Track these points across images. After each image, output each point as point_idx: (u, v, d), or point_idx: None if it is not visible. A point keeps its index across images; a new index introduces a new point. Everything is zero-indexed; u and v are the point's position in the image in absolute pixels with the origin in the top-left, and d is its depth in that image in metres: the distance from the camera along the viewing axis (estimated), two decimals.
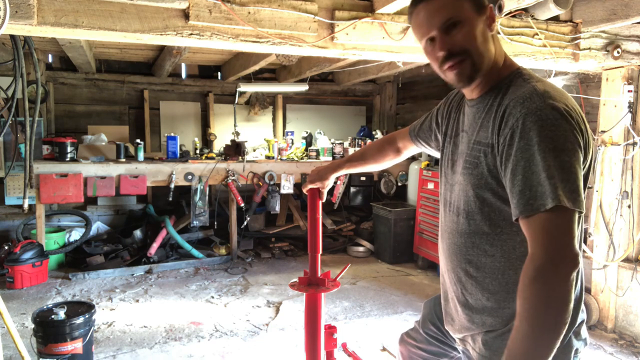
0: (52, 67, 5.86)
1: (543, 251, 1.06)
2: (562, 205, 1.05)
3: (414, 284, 4.87)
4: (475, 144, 1.30)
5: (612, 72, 3.61)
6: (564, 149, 1.08)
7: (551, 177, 1.07)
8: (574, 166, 1.08)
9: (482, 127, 1.28)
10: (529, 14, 3.16)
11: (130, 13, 2.47)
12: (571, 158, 1.08)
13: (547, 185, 1.07)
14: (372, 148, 1.92)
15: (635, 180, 3.60)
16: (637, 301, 3.57)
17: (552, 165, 1.07)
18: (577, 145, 1.10)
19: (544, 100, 1.13)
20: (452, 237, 1.39)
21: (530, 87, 1.19)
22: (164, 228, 5.32)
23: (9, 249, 4.75)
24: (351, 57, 3.21)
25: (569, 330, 1.25)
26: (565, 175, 1.07)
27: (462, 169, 1.34)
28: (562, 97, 1.16)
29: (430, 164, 5.40)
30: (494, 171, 1.23)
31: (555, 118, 1.10)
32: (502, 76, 1.29)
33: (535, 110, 1.12)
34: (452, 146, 1.43)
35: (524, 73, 1.27)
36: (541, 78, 1.26)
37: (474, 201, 1.29)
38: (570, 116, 1.12)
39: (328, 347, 1.92)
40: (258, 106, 6.54)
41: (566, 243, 1.06)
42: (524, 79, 1.24)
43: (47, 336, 2.76)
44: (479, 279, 1.32)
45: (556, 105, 1.12)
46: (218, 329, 3.74)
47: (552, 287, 1.04)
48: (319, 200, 1.89)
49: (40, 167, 4.60)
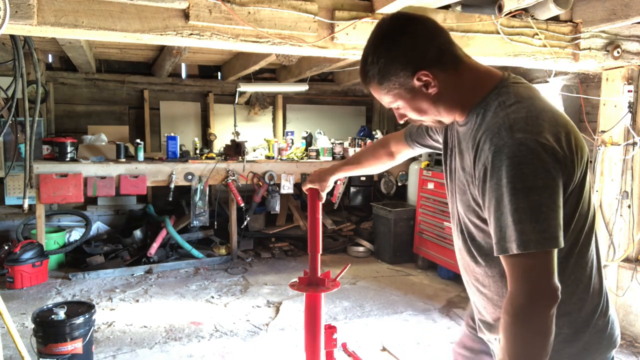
0: (52, 67, 5.86)
1: (520, 291, 1.08)
2: (526, 253, 1.06)
3: (414, 284, 4.87)
4: (461, 170, 1.30)
5: (612, 72, 3.61)
6: (534, 188, 1.05)
7: (518, 222, 1.06)
8: (547, 204, 1.06)
9: (466, 152, 1.26)
10: (529, 14, 3.16)
11: (130, 13, 2.47)
12: (542, 196, 1.05)
13: (513, 229, 1.06)
14: (367, 152, 1.90)
15: (635, 180, 3.60)
16: (637, 301, 3.57)
17: (519, 207, 1.05)
18: (549, 180, 1.06)
19: (512, 135, 1.09)
20: (460, 253, 1.40)
21: (500, 118, 1.14)
22: (164, 228, 5.32)
23: (9, 249, 4.76)
24: (351, 57, 3.21)
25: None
26: (536, 216, 1.05)
27: (457, 191, 1.35)
28: (535, 125, 1.10)
29: (430, 164, 5.40)
30: (477, 200, 1.22)
31: (523, 155, 1.06)
32: (478, 100, 1.22)
33: (503, 147, 1.08)
34: (451, 161, 1.40)
35: (502, 93, 1.19)
36: (521, 94, 1.18)
37: (468, 224, 1.30)
38: (542, 148, 1.07)
39: (328, 347, 1.92)
40: (258, 106, 6.54)
41: (542, 282, 1.07)
42: (500, 103, 1.18)
43: (47, 336, 2.76)
44: (488, 295, 1.33)
45: (524, 140, 1.07)
46: (218, 329, 3.74)
47: (531, 326, 1.08)
48: (319, 201, 1.89)
49: (40, 167, 4.60)
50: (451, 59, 1.21)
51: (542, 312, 1.07)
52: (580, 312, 1.23)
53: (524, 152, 1.07)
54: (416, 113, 1.27)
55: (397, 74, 1.19)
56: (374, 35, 1.23)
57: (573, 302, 1.22)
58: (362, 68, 1.26)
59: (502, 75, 1.26)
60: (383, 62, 1.19)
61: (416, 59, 1.18)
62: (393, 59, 1.18)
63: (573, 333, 1.22)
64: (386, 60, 1.19)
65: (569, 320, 1.22)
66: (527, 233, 1.05)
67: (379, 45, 1.21)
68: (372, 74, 1.22)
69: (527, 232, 1.05)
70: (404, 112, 1.29)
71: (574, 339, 1.22)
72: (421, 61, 1.18)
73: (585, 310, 1.23)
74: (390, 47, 1.19)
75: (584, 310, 1.23)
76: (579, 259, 1.22)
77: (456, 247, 1.43)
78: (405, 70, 1.18)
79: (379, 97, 1.28)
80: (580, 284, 1.23)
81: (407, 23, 1.21)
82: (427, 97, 1.22)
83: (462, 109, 1.25)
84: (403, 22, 1.22)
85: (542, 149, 1.07)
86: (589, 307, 1.24)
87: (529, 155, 1.06)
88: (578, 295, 1.23)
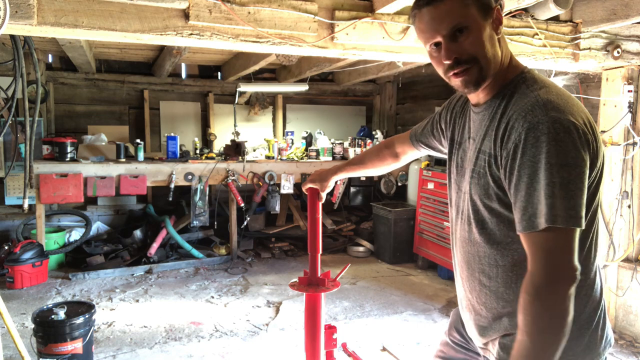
0: (52, 67, 5.86)
1: (541, 269, 1.09)
2: (557, 226, 1.07)
3: (414, 284, 4.87)
4: (480, 153, 1.29)
5: (612, 72, 3.61)
6: (566, 165, 1.07)
7: (550, 196, 1.07)
8: (575, 182, 1.07)
9: (487, 135, 1.26)
10: (529, 14, 3.16)
11: (130, 13, 2.47)
12: (571, 174, 1.07)
13: (545, 204, 1.08)
14: (371, 153, 1.90)
15: (635, 180, 3.60)
16: (637, 301, 3.57)
17: (552, 182, 1.07)
18: (579, 159, 1.08)
19: (547, 112, 1.11)
20: (465, 246, 1.38)
21: (533, 97, 1.16)
22: (164, 228, 5.32)
23: (9, 249, 4.76)
24: (351, 57, 3.21)
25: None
26: (564, 192, 1.07)
27: (469, 178, 1.34)
28: (566, 106, 1.13)
29: (430, 164, 5.40)
30: (499, 182, 1.22)
31: (557, 132, 1.08)
32: (507, 80, 1.26)
33: (537, 124, 1.10)
34: (462, 152, 1.41)
35: (527, 78, 1.24)
36: (545, 81, 1.23)
37: (483, 211, 1.29)
38: (574, 128, 1.09)
39: (328, 347, 1.92)
40: (258, 106, 6.55)
41: (564, 261, 1.08)
42: (528, 86, 1.21)
43: (47, 336, 2.76)
44: (493, 288, 1.32)
45: (559, 118, 1.10)
46: (218, 329, 3.74)
47: (551, 305, 1.09)
48: (319, 201, 1.89)
49: (40, 167, 4.60)
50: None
51: (562, 291, 1.08)
52: (585, 309, 1.23)
53: (559, 129, 1.09)
54: (479, 42, 1.19)
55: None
56: None
57: (580, 297, 1.22)
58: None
59: (523, 65, 1.31)
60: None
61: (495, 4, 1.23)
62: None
63: (578, 330, 1.22)
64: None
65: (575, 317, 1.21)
66: (557, 208, 1.06)
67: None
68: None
69: (557, 207, 1.06)
70: (462, 42, 1.19)
71: (579, 335, 1.22)
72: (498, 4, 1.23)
73: (589, 307, 1.24)
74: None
75: (588, 307, 1.24)
76: (587, 255, 1.23)
77: (459, 240, 1.41)
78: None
79: (446, 11, 1.18)
80: (588, 280, 1.24)
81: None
82: (492, 34, 1.23)
83: (496, 79, 1.26)
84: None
85: (575, 129, 1.09)
86: (592, 304, 1.24)
87: (562, 132, 1.08)
88: (585, 292, 1.23)
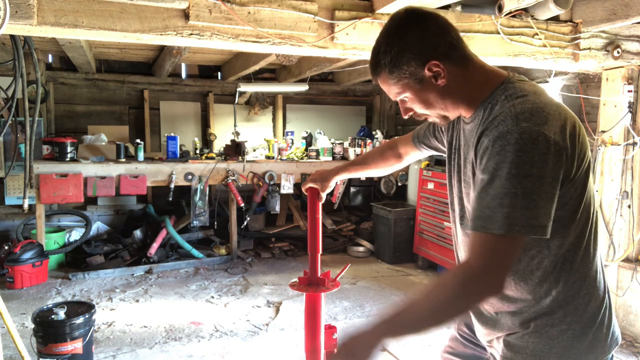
0: (52, 67, 5.86)
1: (475, 265, 1.12)
2: (506, 235, 1.08)
3: (414, 284, 4.87)
4: (467, 162, 1.31)
5: (612, 72, 3.61)
6: (529, 175, 1.08)
7: (508, 205, 1.08)
8: (537, 192, 1.08)
9: (472, 145, 1.28)
10: (529, 14, 3.16)
11: (130, 13, 2.47)
12: (534, 184, 1.08)
13: (500, 212, 1.09)
14: (374, 153, 1.92)
15: (635, 180, 3.60)
16: (637, 301, 3.57)
17: (511, 192, 1.08)
18: (545, 170, 1.09)
19: (517, 123, 1.11)
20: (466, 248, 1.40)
21: (507, 109, 1.16)
22: (164, 228, 5.32)
23: (9, 249, 4.75)
24: (351, 57, 3.21)
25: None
26: (525, 202, 1.08)
27: (462, 185, 1.36)
28: (540, 117, 1.12)
29: (430, 164, 5.40)
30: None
31: (525, 142, 1.09)
32: (486, 94, 1.26)
33: (505, 134, 1.11)
34: (457, 157, 1.42)
35: (508, 88, 1.23)
36: (526, 89, 1.21)
37: None
38: (544, 139, 1.09)
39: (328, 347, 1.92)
40: (258, 106, 6.54)
41: (497, 269, 1.10)
42: (507, 97, 1.21)
43: (47, 336, 2.76)
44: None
45: (528, 128, 1.10)
46: (218, 329, 3.74)
47: (461, 299, 1.13)
48: (319, 201, 1.89)
49: (40, 167, 4.60)
50: (460, 54, 1.25)
51: (477, 295, 1.13)
52: (587, 308, 1.24)
53: (526, 140, 1.09)
54: (423, 105, 1.29)
55: (409, 63, 1.22)
56: (387, 27, 1.27)
57: (582, 297, 1.23)
58: (374, 58, 1.28)
59: (507, 74, 1.29)
60: (396, 50, 1.22)
61: (428, 49, 1.21)
62: (405, 48, 1.22)
63: (581, 328, 1.23)
64: (399, 48, 1.22)
65: (577, 315, 1.23)
66: (514, 218, 1.07)
67: (392, 36, 1.24)
68: (383, 62, 1.25)
69: (514, 217, 1.07)
70: (411, 105, 1.31)
71: (582, 334, 1.23)
72: (433, 52, 1.21)
73: (592, 305, 1.24)
74: (403, 37, 1.23)
75: (591, 306, 1.24)
76: (586, 253, 1.24)
77: (460, 241, 1.42)
78: (417, 60, 1.21)
79: (387, 88, 1.30)
80: (588, 279, 1.24)
81: (420, 17, 1.25)
82: (436, 89, 1.24)
83: (468, 104, 1.27)
84: (416, 16, 1.25)
85: (544, 140, 1.10)
86: (596, 302, 1.25)
87: (529, 144, 1.09)
88: (586, 290, 1.24)
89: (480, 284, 1.11)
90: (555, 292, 1.22)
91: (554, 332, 1.23)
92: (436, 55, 1.21)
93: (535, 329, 1.25)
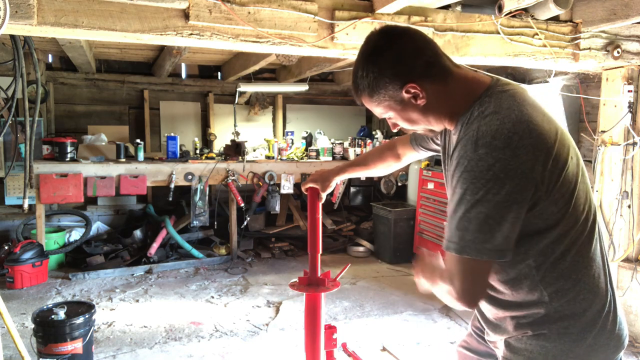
0: (52, 67, 5.86)
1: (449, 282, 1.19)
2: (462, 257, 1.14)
3: (414, 284, 4.85)
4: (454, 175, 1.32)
5: (612, 72, 3.61)
6: (482, 200, 1.10)
7: (462, 228, 1.13)
8: (493, 217, 1.10)
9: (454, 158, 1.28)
10: (529, 14, 3.16)
11: (130, 13, 2.47)
12: (490, 210, 1.10)
13: (456, 234, 1.14)
14: (373, 153, 1.94)
15: (635, 180, 3.60)
16: (637, 301, 3.57)
17: (466, 216, 1.12)
18: (501, 195, 1.09)
19: (475, 149, 1.12)
20: None
21: (472, 130, 1.16)
22: (164, 228, 5.32)
23: (9, 249, 4.75)
24: (351, 57, 3.21)
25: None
26: (479, 227, 1.11)
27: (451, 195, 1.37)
28: (500, 141, 1.11)
29: (430, 164, 5.40)
30: None
31: (480, 170, 1.11)
32: (465, 108, 1.24)
33: (464, 159, 1.14)
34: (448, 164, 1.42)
35: (483, 103, 1.20)
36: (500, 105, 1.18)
37: None
38: (501, 165, 1.09)
39: (328, 347, 1.92)
40: (258, 106, 6.54)
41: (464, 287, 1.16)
42: (479, 114, 1.19)
43: (47, 336, 2.76)
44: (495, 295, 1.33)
45: (483, 156, 1.11)
46: (218, 329, 3.74)
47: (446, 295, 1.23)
48: (319, 201, 1.89)
49: (40, 167, 4.60)
50: (439, 70, 1.24)
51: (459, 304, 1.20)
52: (586, 312, 1.23)
53: (482, 167, 1.11)
54: (407, 123, 1.32)
55: (386, 87, 1.23)
56: (362, 50, 1.27)
57: (578, 302, 1.23)
58: (354, 81, 1.30)
59: (489, 82, 1.26)
60: (372, 76, 1.23)
61: (404, 72, 1.21)
62: (381, 73, 1.22)
63: (579, 332, 1.23)
64: (375, 74, 1.23)
65: (575, 319, 1.23)
66: (467, 240, 1.13)
67: (367, 61, 1.25)
68: (362, 87, 1.27)
69: (467, 239, 1.13)
70: (396, 122, 1.35)
71: (581, 338, 1.23)
72: (409, 74, 1.21)
73: (592, 310, 1.24)
74: (378, 61, 1.23)
75: (591, 310, 1.24)
76: (578, 258, 1.23)
77: None
78: (394, 84, 1.22)
79: (371, 108, 1.33)
80: (584, 284, 1.23)
81: (395, 38, 1.24)
82: (417, 108, 1.26)
83: (450, 118, 1.28)
84: (391, 37, 1.24)
85: (501, 166, 1.10)
86: (596, 306, 1.24)
87: (484, 170, 1.10)
88: (583, 295, 1.23)
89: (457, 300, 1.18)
90: (548, 298, 1.22)
91: (552, 336, 1.24)
92: (413, 77, 1.21)
93: (534, 332, 1.26)
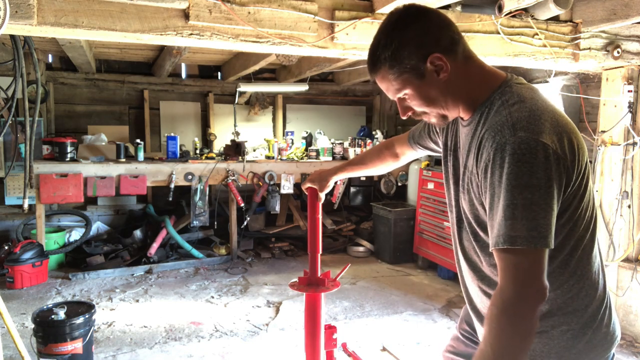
0: (52, 67, 5.86)
1: (510, 285, 1.09)
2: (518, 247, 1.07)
3: (414, 284, 4.87)
4: (466, 169, 1.30)
5: (612, 72, 3.61)
6: (529, 186, 1.07)
7: (509, 217, 1.07)
8: (539, 203, 1.07)
9: (470, 151, 1.27)
10: (529, 14, 3.16)
11: (130, 13, 2.47)
12: (534, 195, 1.06)
13: (504, 225, 1.08)
14: (371, 153, 1.92)
15: (635, 180, 3.60)
16: (637, 301, 3.57)
17: (512, 203, 1.07)
18: (544, 180, 1.07)
19: (514, 132, 1.10)
20: (464, 251, 1.39)
21: (504, 116, 1.15)
22: (164, 228, 5.32)
23: (9, 249, 4.75)
24: (351, 57, 3.21)
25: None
26: (525, 213, 1.06)
27: (460, 191, 1.35)
28: (537, 124, 1.11)
29: (430, 164, 5.40)
30: (479, 198, 1.24)
31: (523, 153, 1.08)
32: (483, 98, 1.23)
33: (504, 145, 1.10)
34: (454, 160, 1.41)
35: (505, 92, 1.21)
36: (523, 94, 1.19)
37: (473, 223, 1.30)
38: (542, 148, 1.08)
39: (328, 347, 1.92)
40: (258, 106, 6.54)
41: (531, 279, 1.08)
42: (503, 102, 1.19)
43: (47, 336, 2.76)
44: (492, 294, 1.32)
45: (525, 138, 1.09)
46: (218, 329, 3.74)
47: (517, 322, 1.08)
48: (318, 201, 1.89)
49: (40, 167, 4.60)
50: (462, 50, 1.22)
51: (528, 309, 1.08)
52: (587, 308, 1.24)
53: (524, 150, 1.08)
54: (423, 102, 1.25)
55: (410, 56, 1.18)
56: (386, 22, 1.23)
57: (581, 298, 1.24)
58: (372, 53, 1.24)
59: (505, 75, 1.27)
60: (396, 43, 1.19)
61: (430, 42, 1.19)
62: (407, 41, 1.18)
63: (581, 328, 1.24)
64: (399, 42, 1.19)
65: (577, 316, 1.24)
66: (517, 229, 1.07)
67: (392, 30, 1.21)
68: (383, 57, 1.20)
69: (516, 228, 1.07)
70: (410, 104, 1.27)
71: (581, 334, 1.24)
72: (435, 45, 1.18)
73: (593, 306, 1.25)
74: (404, 30, 1.19)
75: (592, 306, 1.25)
76: (584, 255, 1.24)
77: (458, 243, 1.42)
78: (418, 53, 1.18)
79: (386, 85, 1.26)
80: (587, 280, 1.25)
81: (420, 11, 1.23)
82: (437, 84, 1.21)
83: (468, 104, 1.25)
84: (416, 11, 1.23)
85: (542, 149, 1.08)
86: (596, 302, 1.26)
87: (527, 154, 1.08)
88: (585, 291, 1.24)
89: (520, 303, 1.08)
90: (554, 295, 1.22)
91: (554, 333, 1.24)
92: (439, 49, 1.18)
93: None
